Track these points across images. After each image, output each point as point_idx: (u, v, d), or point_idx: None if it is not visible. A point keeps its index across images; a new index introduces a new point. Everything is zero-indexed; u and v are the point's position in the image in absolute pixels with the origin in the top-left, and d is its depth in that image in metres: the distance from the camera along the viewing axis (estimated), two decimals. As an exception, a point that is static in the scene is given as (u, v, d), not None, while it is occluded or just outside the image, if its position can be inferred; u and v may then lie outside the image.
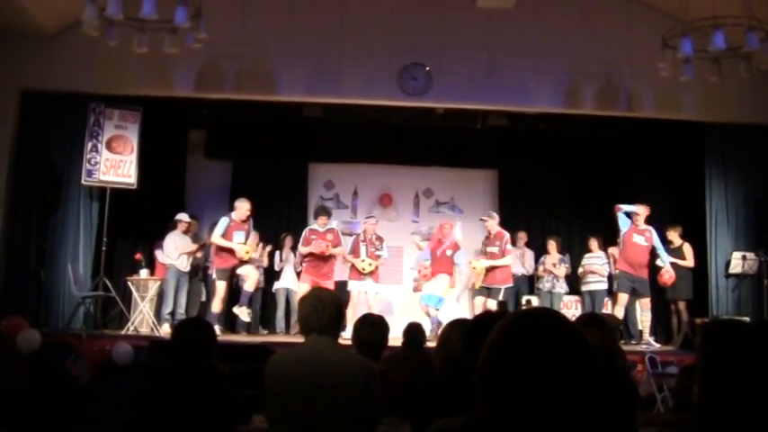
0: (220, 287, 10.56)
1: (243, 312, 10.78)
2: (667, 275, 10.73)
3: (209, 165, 13.69)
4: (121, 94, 11.20)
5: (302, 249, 10.93)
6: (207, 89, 11.31)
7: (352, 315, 9.64)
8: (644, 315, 10.85)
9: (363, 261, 10.91)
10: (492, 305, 10.93)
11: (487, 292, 11.08)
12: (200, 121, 13.01)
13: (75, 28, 9.66)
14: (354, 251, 11.07)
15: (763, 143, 11.66)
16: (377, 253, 11.06)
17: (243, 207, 10.57)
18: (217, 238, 10.59)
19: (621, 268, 10.90)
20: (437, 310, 10.82)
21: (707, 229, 11.66)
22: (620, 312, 10.60)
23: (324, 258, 10.80)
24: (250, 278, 10.67)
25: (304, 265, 11.12)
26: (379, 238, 11.23)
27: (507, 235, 11.26)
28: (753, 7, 8.46)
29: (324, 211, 11.25)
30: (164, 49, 9.19)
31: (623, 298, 10.79)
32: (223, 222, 10.60)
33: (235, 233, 10.54)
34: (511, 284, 11.29)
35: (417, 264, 11.72)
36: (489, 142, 13.45)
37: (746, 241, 11.52)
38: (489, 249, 11.16)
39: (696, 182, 11.94)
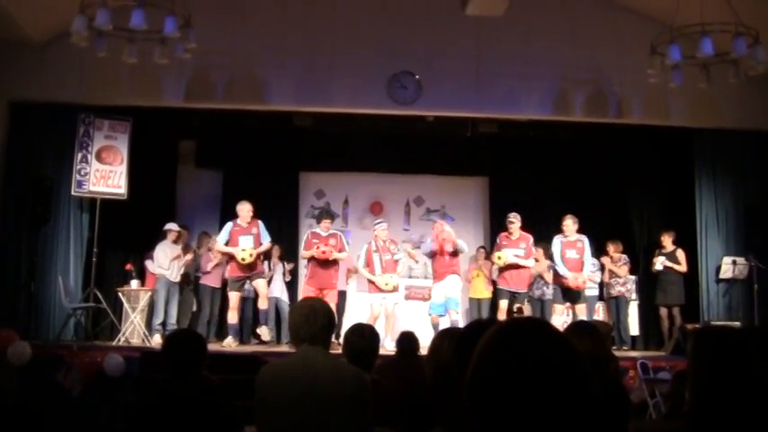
0: (233, 297, 10.61)
1: (264, 332, 10.80)
2: (575, 282, 10.62)
3: (199, 175, 13.69)
4: (111, 104, 11.19)
5: (304, 253, 10.75)
6: (197, 99, 11.30)
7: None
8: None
9: (383, 278, 10.55)
10: (524, 308, 11.03)
11: (512, 296, 10.90)
12: (191, 131, 12.99)
13: (64, 39, 9.65)
14: (369, 264, 10.69)
15: (752, 148, 11.74)
16: (395, 258, 10.75)
17: (243, 208, 10.54)
18: (219, 245, 10.68)
19: (557, 282, 10.85)
20: (457, 312, 10.54)
21: (697, 235, 11.72)
22: (557, 321, 10.49)
23: (326, 266, 10.57)
24: (262, 294, 10.70)
25: (306, 272, 10.99)
26: (393, 241, 11.01)
27: (531, 237, 11.04)
28: (740, 13, 8.51)
29: (327, 215, 11.16)
30: (153, 60, 9.20)
31: (560, 308, 10.81)
32: (226, 228, 10.59)
33: (240, 238, 10.48)
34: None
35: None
36: (479, 150, 13.47)
37: (736, 246, 11.57)
38: (509, 252, 10.81)
39: (686, 187, 11.99)
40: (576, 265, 10.64)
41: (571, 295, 10.74)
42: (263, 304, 10.80)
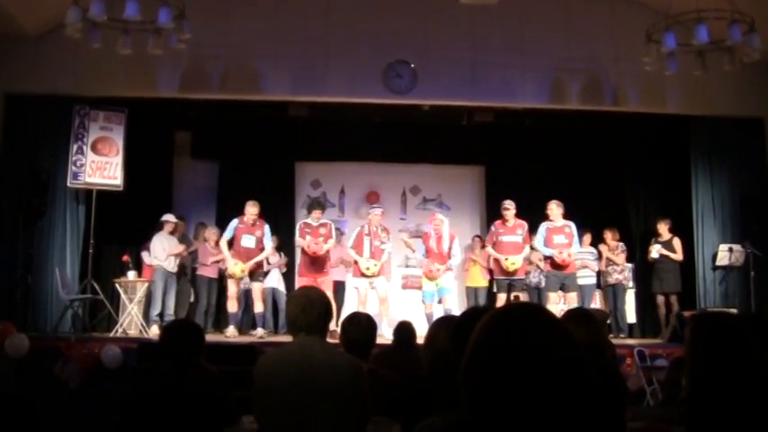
0: (233, 286, 10.70)
1: (260, 333, 10.75)
2: (561, 257, 10.52)
3: (195, 165, 13.65)
4: (106, 95, 11.15)
5: (299, 241, 10.83)
6: (192, 90, 11.28)
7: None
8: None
9: (367, 262, 10.67)
10: (520, 296, 10.99)
11: (509, 284, 10.95)
12: (186, 121, 12.95)
13: (58, 30, 9.61)
14: (357, 246, 10.79)
15: (748, 135, 11.74)
16: (382, 246, 10.80)
17: (249, 210, 10.60)
18: (223, 241, 10.80)
19: (548, 269, 10.81)
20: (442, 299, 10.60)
21: (693, 222, 11.73)
22: (554, 309, 10.40)
23: (317, 255, 10.67)
24: (257, 298, 10.85)
25: (299, 264, 11.09)
26: (385, 230, 11.08)
27: (526, 224, 11.01)
28: (735, 0, 8.50)
29: (318, 205, 11.18)
30: (148, 51, 9.18)
31: (554, 297, 10.72)
32: (232, 225, 10.66)
33: (244, 236, 10.59)
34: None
35: (420, 264, 11.22)
36: (475, 139, 13.44)
37: (733, 233, 11.59)
38: (507, 239, 10.80)
39: (682, 175, 11.99)
40: (565, 247, 10.60)
41: (562, 284, 10.70)
42: (258, 308, 10.89)
